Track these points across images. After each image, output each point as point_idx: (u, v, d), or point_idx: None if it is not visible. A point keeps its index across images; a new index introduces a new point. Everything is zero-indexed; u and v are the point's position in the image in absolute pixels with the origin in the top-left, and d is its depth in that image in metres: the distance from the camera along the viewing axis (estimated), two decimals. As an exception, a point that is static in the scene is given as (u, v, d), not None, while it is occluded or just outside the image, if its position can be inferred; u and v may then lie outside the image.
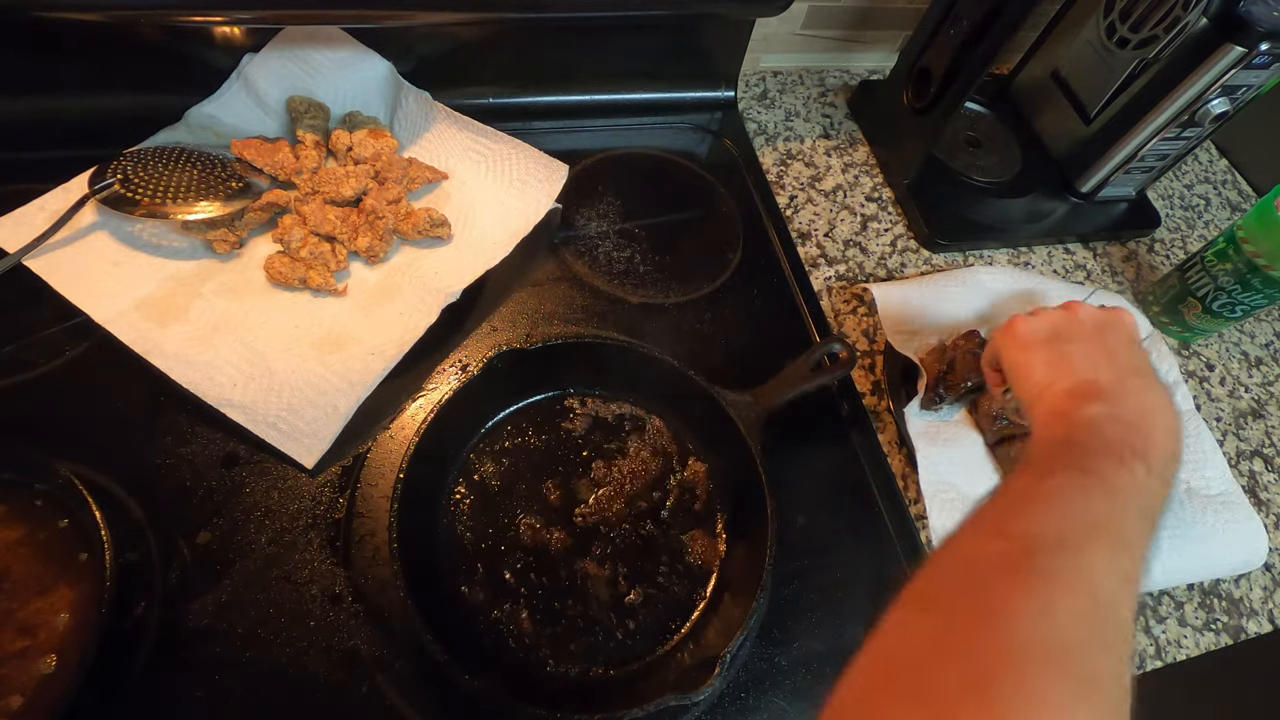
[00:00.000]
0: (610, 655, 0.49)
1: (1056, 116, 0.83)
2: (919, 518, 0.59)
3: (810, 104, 0.87)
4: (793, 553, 0.54)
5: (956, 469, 0.60)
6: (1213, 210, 0.90)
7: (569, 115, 0.77)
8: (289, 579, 0.48)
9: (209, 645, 0.45)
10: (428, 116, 0.68)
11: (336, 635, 0.47)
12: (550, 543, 0.52)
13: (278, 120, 0.66)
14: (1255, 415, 0.73)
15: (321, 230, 0.60)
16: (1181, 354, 0.76)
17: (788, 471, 0.58)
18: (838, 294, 0.72)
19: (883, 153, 0.83)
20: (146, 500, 0.49)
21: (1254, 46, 0.64)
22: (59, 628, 0.42)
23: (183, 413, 0.52)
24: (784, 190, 0.79)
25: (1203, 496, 0.62)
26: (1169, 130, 0.73)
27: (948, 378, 0.62)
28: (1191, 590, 0.61)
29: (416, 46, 0.68)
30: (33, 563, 0.44)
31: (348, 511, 0.51)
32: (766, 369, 0.58)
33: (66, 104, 0.62)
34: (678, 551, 0.54)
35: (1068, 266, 0.80)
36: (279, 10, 0.57)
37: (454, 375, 0.59)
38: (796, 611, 0.53)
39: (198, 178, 0.59)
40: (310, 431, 0.52)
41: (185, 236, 0.58)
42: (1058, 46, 0.81)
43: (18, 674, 0.41)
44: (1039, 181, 0.83)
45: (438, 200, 0.66)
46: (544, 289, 0.65)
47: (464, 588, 0.50)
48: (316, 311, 0.58)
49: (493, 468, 0.55)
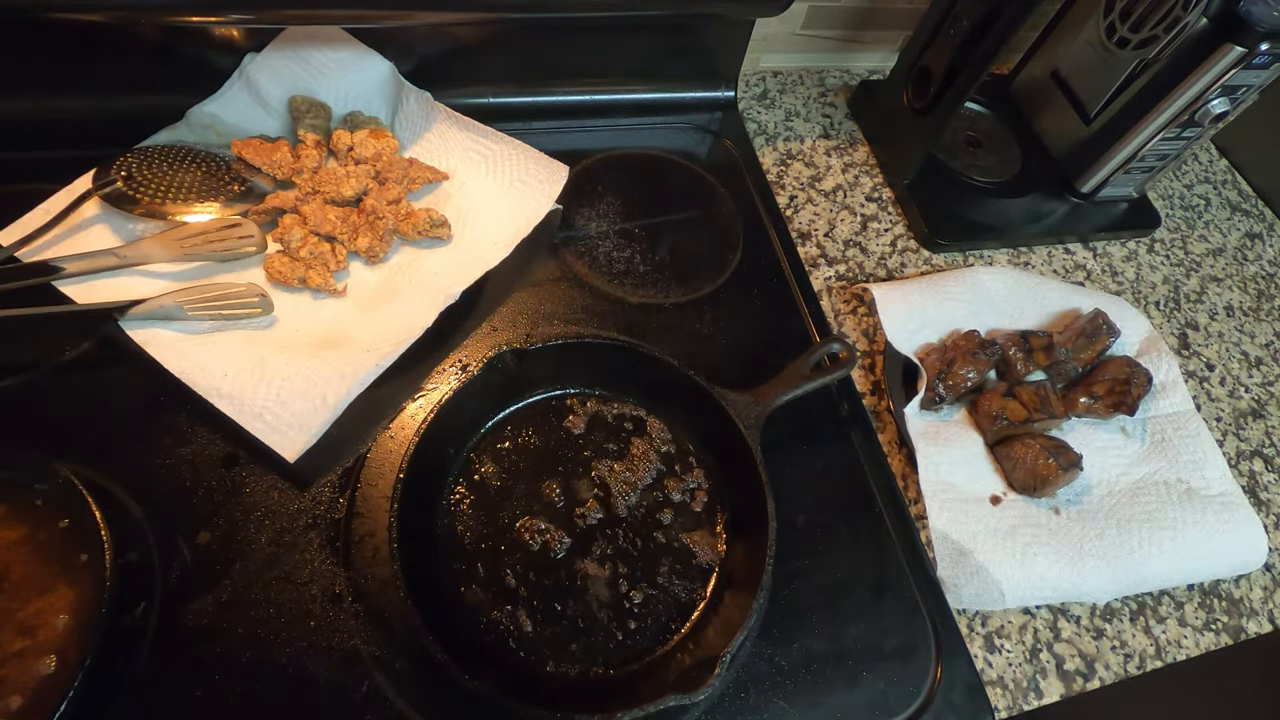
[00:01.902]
0: (610, 655, 0.49)
1: (1056, 116, 0.83)
2: (919, 518, 0.59)
3: (810, 104, 0.87)
4: (793, 553, 0.54)
5: (956, 469, 0.60)
6: (1213, 210, 0.90)
7: (569, 115, 0.77)
8: (289, 579, 0.48)
9: (209, 645, 0.45)
10: (429, 117, 0.68)
11: (336, 635, 0.47)
12: (550, 543, 0.52)
13: (279, 120, 0.66)
14: (1255, 415, 0.73)
15: (322, 230, 0.60)
16: (1182, 354, 0.76)
17: (788, 471, 0.58)
18: (838, 294, 0.72)
19: (883, 153, 0.83)
20: (146, 500, 0.49)
21: (1254, 46, 0.64)
22: (59, 628, 0.42)
23: (183, 413, 0.52)
24: (784, 190, 0.79)
25: (1203, 497, 0.62)
26: (1169, 130, 0.73)
27: (948, 378, 0.62)
28: (1191, 590, 0.61)
29: (417, 46, 0.68)
30: (33, 563, 0.44)
31: (348, 511, 0.51)
32: (766, 369, 0.58)
33: (67, 104, 0.62)
34: (678, 551, 0.54)
35: (1068, 266, 0.80)
36: (279, 10, 0.57)
37: (454, 375, 0.59)
38: (796, 611, 0.53)
39: (200, 179, 0.59)
40: (297, 424, 0.51)
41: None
42: (1058, 46, 0.81)
43: (17, 674, 0.41)
44: (1039, 181, 0.83)
45: (438, 200, 0.66)
46: (544, 289, 0.65)
47: (464, 588, 0.50)
48: (316, 311, 0.58)
49: (493, 468, 0.55)
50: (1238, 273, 0.84)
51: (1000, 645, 0.55)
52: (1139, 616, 0.59)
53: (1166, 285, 0.81)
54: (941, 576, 0.55)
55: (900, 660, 0.52)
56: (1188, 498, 0.61)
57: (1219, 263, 0.85)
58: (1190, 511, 0.60)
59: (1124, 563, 0.57)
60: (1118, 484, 0.62)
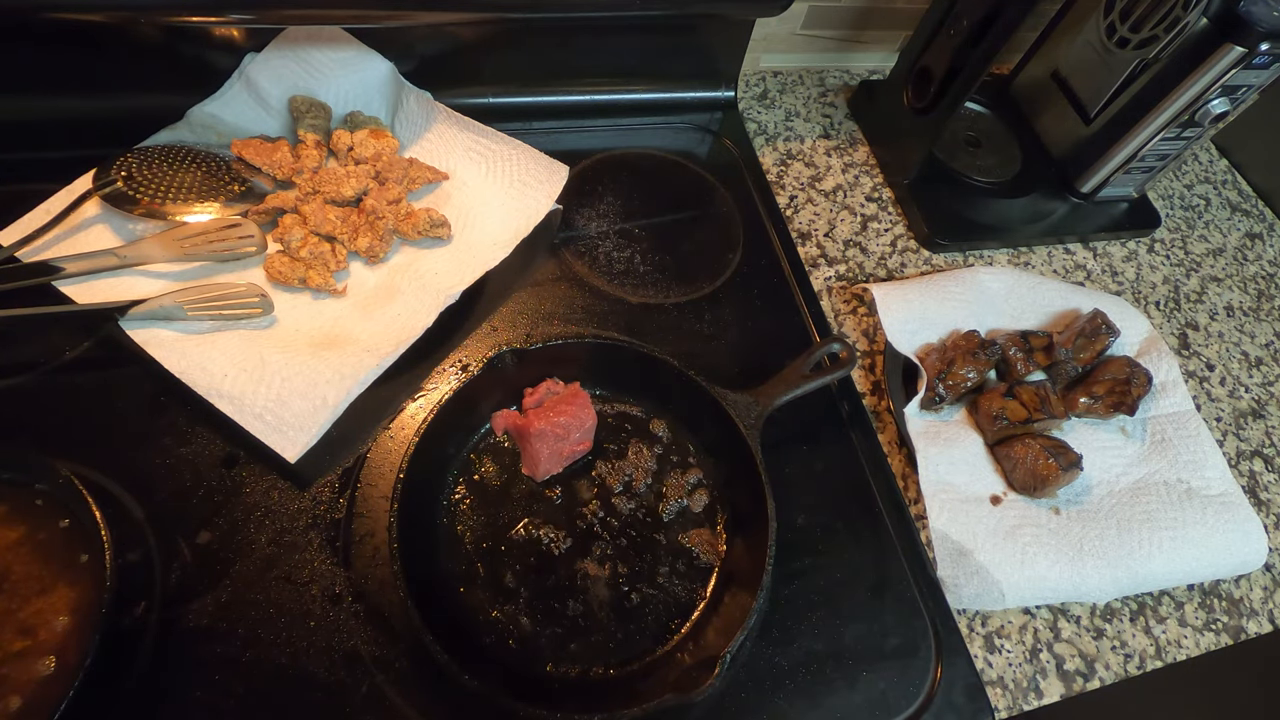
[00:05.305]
0: (610, 655, 0.49)
1: (1056, 116, 0.83)
2: (919, 518, 0.59)
3: (810, 104, 0.87)
4: (793, 553, 0.54)
5: (956, 469, 0.60)
6: (1213, 210, 0.90)
7: (569, 115, 0.77)
8: (289, 579, 0.48)
9: (209, 645, 0.45)
10: (429, 117, 0.68)
11: (336, 635, 0.47)
12: (550, 543, 0.52)
13: (279, 120, 0.66)
14: (1255, 415, 0.73)
15: (322, 230, 0.60)
16: (1182, 354, 0.76)
17: (788, 471, 0.58)
18: (838, 294, 0.72)
19: (883, 153, 0.83)
20: (146, 500, 0.49)
21: (1254, 46, 0.64)
22: (59, 628, 0.42)
23: (183, 413, 0.52)
24: (784, 190, 0.79)
25: (1203, 497, 0.62)
26: (1169, 130, 0.73)
27: (948, 378, 0.62)
28: (1191, 590, 0.61)
29: (417, 46, 0.68)
30: (33, 563, 0.44)
31: (348, 511, 0.51)
32: (766, 369, 0.58)
33: (67, 104, 0.62)
34: (678, 551, 0.54)
35: (1068, 266, 0.80)
36: (280, 10, 0.57)
37: (454, 375, 0.59)
38: (796, 611, 0.53)
39: (201, 179, 0.59)
40: (297, 424, 0.51)
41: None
42: (1058, 46, 0.81)
43: (17, 674, 0.41)
44: (1039, 181, 0.83)
45: (438, 200, 0.66)
46: (544, 289, 0.65)
47: (464, 588, 0.50)
48: (316, 311, 0.58)
49: (493, 468, 0.55)
50: (1238, 273, 0.84)
51: (1000, 645, 0.55)
52: (1139, 616, 0.59)
53: (1166, 285, 0.81)
54: (941, 576, 0.55)
55: (900, 660, 0.52)
56: (1188, 498, 0.61)
57: (1219, 263, 0.85)
58: (1190, 511, 0.60)
59: (1124, 563, 0.57)
60: (1118, 484, 0.62)
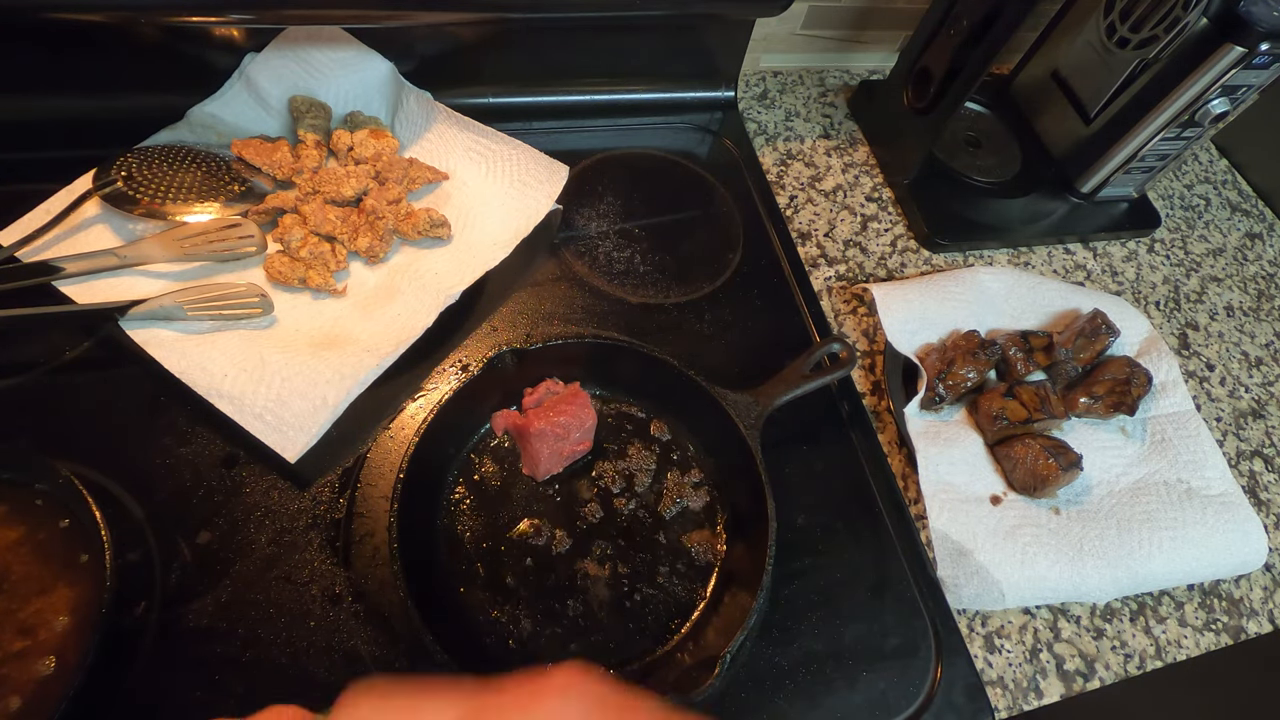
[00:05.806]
0: (610, 655, 0.49)
1: (1056, 116, 0.83)
2: (919, 518, 0.59)
3: (810, 104, 0.87)
4: (793, 553, 0.54)
5: (956, 469, 0.60)
6: (1213, 210, 0.90)
7: (569, 115, 0.77)
8: (289, 579, 0.48)
9: (209, 645, 0.45)
10: (429, 117, 0.68)
11: (336, 635, 0.47)
12: (550, 543, 0.52)
13: (279, 120, 0.66)
14: (1255, 415, 0.73)
15: (322, 230, 0.60)
16: (1182, 354, 0.76)
17: (788, 471, 0.58)
18: (838, 294, 0.72)
19: (883, 153, 0.83)
20: (146, 500, 0.49)
21: (1254, 46, 0.64)
22: (59, 628, 0.42)
23: (183, 413, 0.52)
24: (784, 190, 0.79)
25: (1203, 497, 0.62)
26: (1169, 130, 0.73)
27: (948, 378, 0.62)
28: (1191, 590, 0.61)
29: (417, 46, 0.68)
30: (33, 563, 0.44)
31: (348, 511, 0.51)
32: (766, 369, 0.58)
33: (67, 104, 0.62)
34: (678, 551, 0.54)
35: (1068, 266, 0.80)
36: (280, 10, 0.57)
37: (454, 375, 0.59)
38: (796, 611, 0.53)
39: (200, 179, 0.59)
40: (296, 424, 0.51)
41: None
42: (1058, 46, 0.81)
43: (17, 674, 0.41)
44: (1039, 181, 0.83)
45: (438, 200, 0.66)
46: (544, 289, 0.65)
47: (464, 588, 0.50)
48: (316, 311, 0.58)
49: (493, 468, 0.55)
50: (1238, 273, 0.84)
51: (1000, 645, 0.55)
52: (1139, 616, 0.59)
53: (1166, 285, 0.81)
54: (941, 576, 0.55)
55: (900, 660, 0.52)
56: (1188, 498, 0.61)
57: (1219, 263, 0.85)
58: (1190, 511, 0.60)
59: (1124, 563, 0.57)
60: (1118, 484, 0.62)
